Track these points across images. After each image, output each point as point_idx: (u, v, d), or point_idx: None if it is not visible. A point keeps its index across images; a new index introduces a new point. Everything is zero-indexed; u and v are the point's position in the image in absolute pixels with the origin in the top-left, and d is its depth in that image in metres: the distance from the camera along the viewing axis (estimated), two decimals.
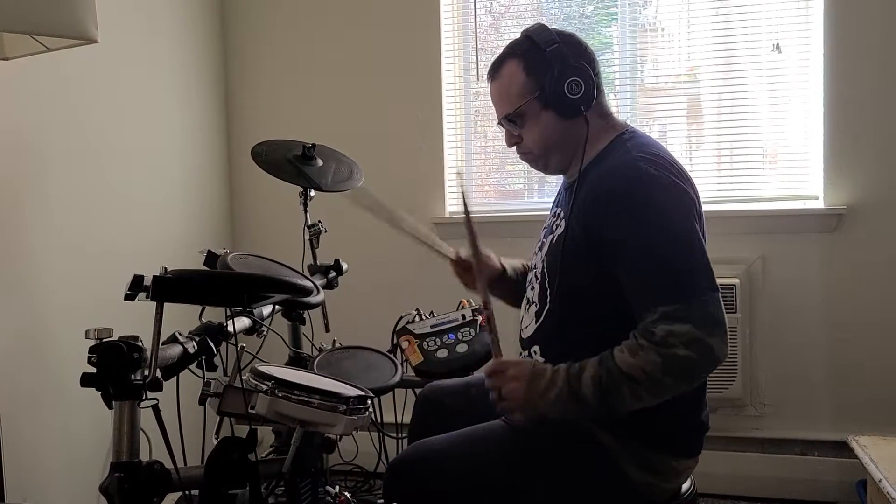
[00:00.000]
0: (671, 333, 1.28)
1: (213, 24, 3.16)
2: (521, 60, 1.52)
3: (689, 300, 1.31)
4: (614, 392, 1.32)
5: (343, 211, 2.67)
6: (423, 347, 2.08)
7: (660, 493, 1.48)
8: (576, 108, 1.49)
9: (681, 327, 1.28)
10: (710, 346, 1.29)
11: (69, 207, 2.29)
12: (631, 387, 1.31)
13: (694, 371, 1.33)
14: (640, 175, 1.40)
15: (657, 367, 1.29)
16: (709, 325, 1.30)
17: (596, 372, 1.34)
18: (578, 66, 1.48)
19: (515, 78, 1.53)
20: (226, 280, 1.54)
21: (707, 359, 1.30)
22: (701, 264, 1.36)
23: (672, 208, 1.39)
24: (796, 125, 2.77)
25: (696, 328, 1.28)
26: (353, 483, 2.84)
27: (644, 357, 1.30)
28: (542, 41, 1.50)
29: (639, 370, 1.30)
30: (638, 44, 2.93)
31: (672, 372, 1.30)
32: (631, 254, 1.37)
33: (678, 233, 1.37)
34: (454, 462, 1.48)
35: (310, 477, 1.82)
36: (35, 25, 1.50)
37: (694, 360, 1.29)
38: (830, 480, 2.67)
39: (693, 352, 1.28)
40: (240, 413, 1.42)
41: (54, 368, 2.18)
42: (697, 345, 1.28)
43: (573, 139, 1.53)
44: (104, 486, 1.34)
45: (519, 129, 1.57)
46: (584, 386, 1.34)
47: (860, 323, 2.67)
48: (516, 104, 1.53)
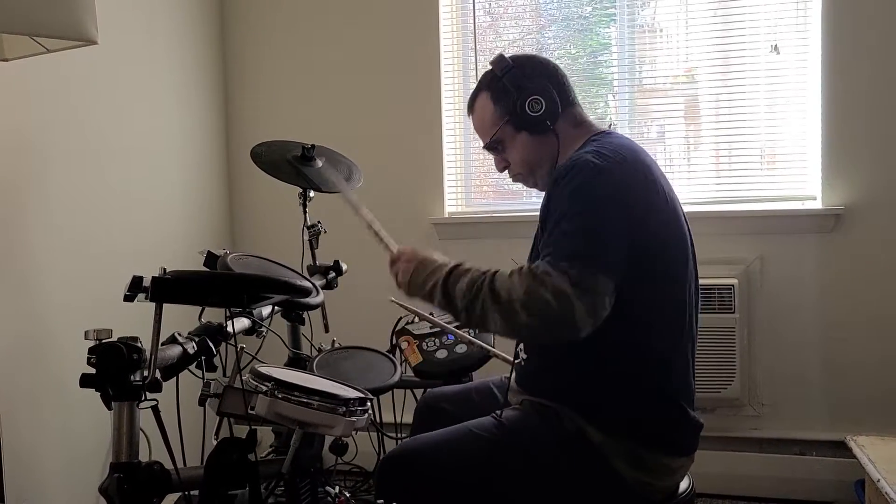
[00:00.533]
0: (547, 273, 1.30)
1: (212, 24, 3.17)
2: (488, 91, 1.63)
3: (578, 264, 1.31)
4: (478, 301, 1.36)
5: (342, 212, 2.67)
6: (422, 348, 2.09)
7: (655, 491, 1.49)
8: (542, 123, 1.56)
9: (558, 276, 1.29)
10: (573, 305, 1.28)
11: (69, 208, 2.29)
12: (491, 303, 1.34)
13: (548, 318, 1.31)
14: (579, 163, 1.44)
15: (519, 296, 1.31)
16: (582, 288, 1.29)
17: (474, 277, 1.39)
18: (534, 84, 1.56)
19: (486, 108, 1.64)
20: (225, 281, 1.55)
21: (564, 315, 1.29)
22: (605, 247, 1.36)
23: (599, 192, 1.40)
24: (794, 126, 2.77)
25: (571, 286, 1.29)
26: (353, 483, 2.85)
27: (515, 281, 1.33)
28: (499, 69, 1.61)
29: (505, 290, 1.33)
30: (636, 44, 2.93)
31: (529, 307, 1.30)
32: (550, 226, 1.41)
33: (595, 212, 1.39)
34: (444, 458, 1.49)
35: (309, 477, 1.82)
36: (35, 27, 1.50)
37: (553, 308, 1.28)
38: (828, 480, 2.67)
39: (557, 301, 1.28)
40: (239, 414, 1.43)
41: (54, 369, 2.18)
42: (563, 297, 1.28)
43: (551, 153, 1.59)
44: (104, 486, 1.34)
45: (503, 154, 1.67)
46: (458, 286, 1.39)
47: (858, 323, 2.68)
48: (491, 132, 1.64)
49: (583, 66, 3.01)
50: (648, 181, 1.47)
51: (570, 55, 3.03)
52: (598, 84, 3.02)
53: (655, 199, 1.47)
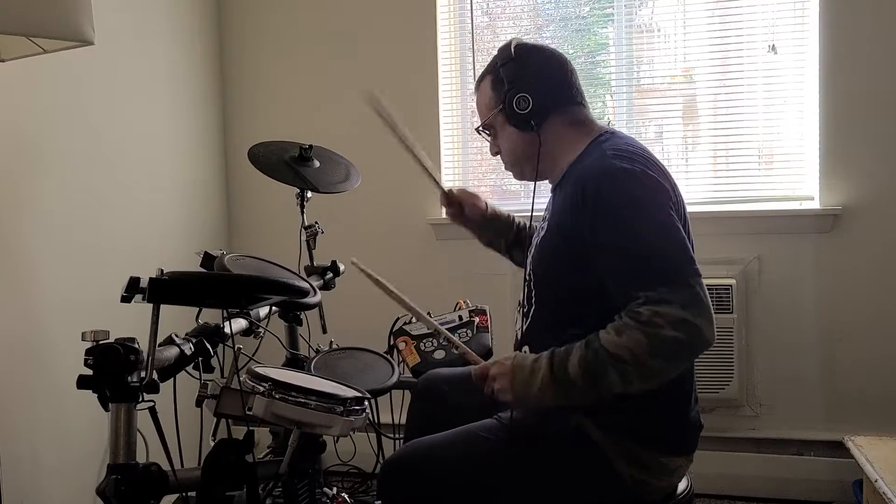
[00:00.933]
0: (657, 314, 1.28)
1: (209, 24, 3.16)
2: (491, 76, 1.62)
3: (672, 283, 1.30)
4: (601, 373, 1.32)
5: (340, 212, 2.67)
6: (420, 348, 2.08)
7: (653, 491, 1.49)
8: (527, 122, 1.55)
9: (666, 308, 1.28)
10: (697, 326, 1.28)
11: (65, 209, 2.28)
12: (618, 367, 1.31)
13: (681, 352, 1.31)
14: (611, 170, 1.42)
15: (643, 346, 1.28)
16: (694, 305, 1.29)
17: (582, 354, 1.34)
18: (528, 81, 1.55)
19: (486, 92, 1.64)
20: (222, 281, 1.54)
21: (695, 340, 1.29)
22: (680, 247, 1.36)
23: (646, 199, 1.40)
24: (792, 126, 2.77)
25: (682, 309, 1.28)
26: (351, 484, 2.84)
27: (630, 336, 1.29)
28: (500, 59, 1.59)
29: (626, 350, 1.29)
30: (634, 44, 2.93)
31: (659, 353, 1.29)
32: (610, 248, 1.38)
33: (654, 221, 1.38)
34: (448, 461, 1.49)
35: (307, 478, 1.82)
36: (31, 27, 1.50)
37: (682, 340, 1.28)
38: (826, 480, 2.67)
39: (680, 332, 1.27)
40: (237, 415, 1.42)
41: (51, 370, 2.18)
42: (684, 325, 1.27)
43: (534, 151, 1.57)
44: (101, 488, 1.34)
45: (495, 140, 1.67)
46: (570, 369, 1.35)
47: (856, 323, 2.68)
48: (485, 117, 1.65)
49: (580, 66, 3.00)
50: (669, 181, 1.48)
51: (568, 55, 2.96)
52: (595, 84, 3.02)
53: (676, 199, 1.47)
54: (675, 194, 1.47)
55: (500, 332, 2.21)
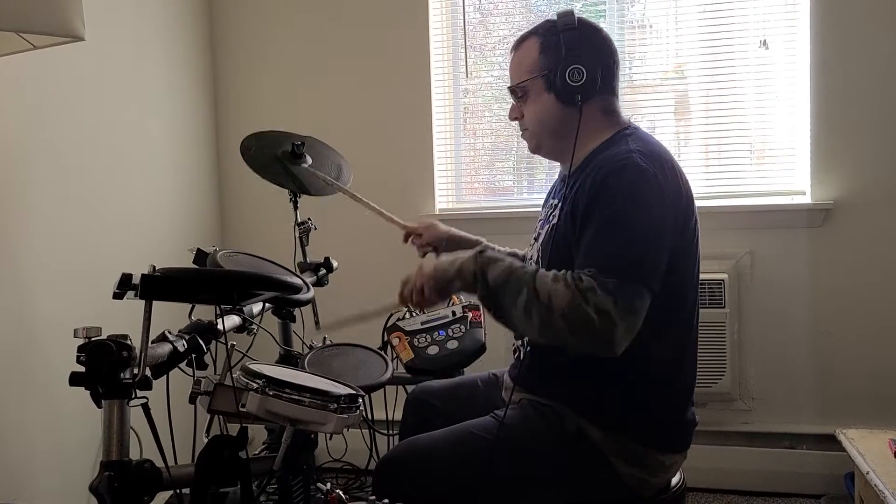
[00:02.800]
0: (593, 291, 1.28)
1: (201, 19, 3.15)
2: (540, 38, 1.57)
3: (623, 281, 1.31)
4: (513, 292, 1.34)
5: (333, 208, 2.67)
6: (413, 344, 2.08)
7: (648, 487, 1.50)
8: (573, 95, 1.51)
9: (602, 294, 1.28)
10: (615, 325, 1.28)
11: (56, 206, 2.27)
12: (530, 299, 1.32)
13: (586, 333, 1.30)
14: (628, 164, 1.42)
15: (561, 304, 1.29)
16: (626, 309, 1.29)
17: (514, 266, 1.37)
18: (586, 55, 1.51)
19: (530, 53, 1.57)
20: (215, 278, 1.54)
21: (604, 334, 1.29)
22: (652, 261, 1.36)
23: (649, 200, 1.39)
24: (783, 121, 2.79)
25: (615, 306, 1.28)
26: (345, 480, 2.85)
27: (560, 288, 1.31)
28: (562, 24, 1.54)
29: (545, 294, 1.31)
30: (626, 41, 2.94)
31: (569, 319, 1.29)
32: (595, 226, 1.39)
33: (646, 223, 1.38)
34: (444, 458, 1.49)
35: (301, 474, 1.82)
36: (21, 23, 1.49)
37: (594, 326, 1.28)
38: (818, 473, 2.69)
39: (599, 320, 1.27)
40: (230, 411, 1.42)
41: (43, 367, 2.17)
42: (605, 317, 1.28)
43: (569, 127, 1.54)
44: (94, 485, 1.33)
45: (522, 104, 1.61)
46: (493, 269, 1.37)
47: (847, 317, 2.70)
48: (522, 78, 1.59)
49: None
50: (684, 185, 1.47)
51: None
52: None
53: (689, 204, 1.48)
54: (688, 199, 1.47)
55: (494, 327, 2.21)
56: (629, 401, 1.46)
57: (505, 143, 3.08)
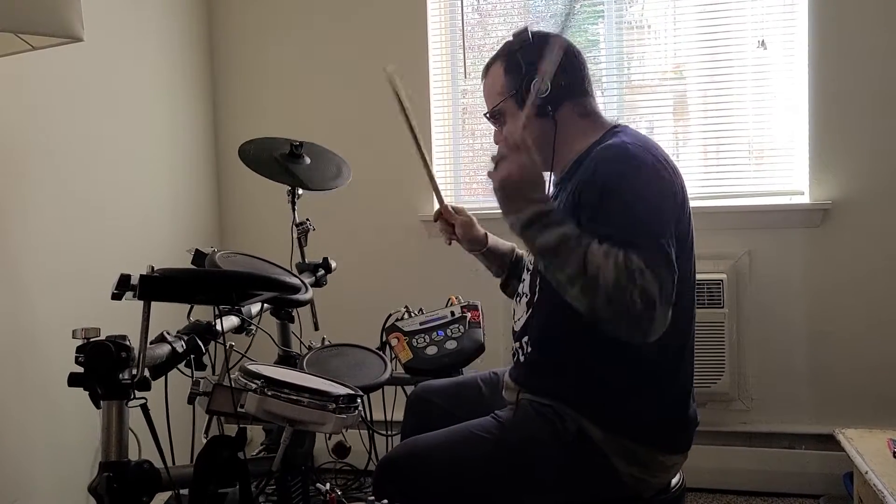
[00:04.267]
0: (641, 272, 1.24)
1: (199, 21, 3.15)
2: (503, 61, 1.59)
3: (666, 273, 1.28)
4: (563, 258, 1.29)
5: (332, 209, 2.67)
6: (412, 344, 2.08)
7: (649, 487, 1.49)
8: (543, 106, 1.52)
9: (651, 280, 1.24)
10: (656, 313, 1.24)
11: (55, 206, 2.27)
12: (577, 268, 1.27)
13: (627, 316, 1.25)
14: (624, 154, 1.41)
15: (609, 281, 1.24)
16: (667, 299, 1.27)
17: (571, 233, 1.31)
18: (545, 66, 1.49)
19: (497, 78, 1.60)
20: (214, 278, 1.54)
21: (644, 319, 1.24)
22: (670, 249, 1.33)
23: (649, 185, 1.39)
24: (782, 121, 2.79)
25: (659, 289, 1.25)
26: (344, 481, 2.84)
27: (610, 266, 1.25)
28: (517, 42, 1.56)
29: (595, 267, 1.25)
30: (624, 41, 2.94)
31: (612, 298, 1.24)
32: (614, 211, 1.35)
33: (653, 206, 1.37)
34: (444, 458, 1.49)
35: (300, 475, 1.82)
36: (20, 24, 1.49)
37: (636, 310, 1.23)
38: (817, 473, 2.69)
39: (643, 305, 1.23)
40: (229, 412, 1.42)
41: (41, 368, 2.17)
42: (650, 304, 1.24)
43: (550, 137, 1.55)
44: (93, 485, 1.33)
45: (502, 127, 1.62)
46: (553, 229, 1.32)
47: (846, 316, 2.70)
48: (496, 102, 1.60)
49: None
50: (678, 180, 1.46)
51: None
52: None
53: (684, 201, 1.47)
54: (682, 191, 1.46)
55: (492, 328, 2.21)
56: (629, 401, 1.46)
57: None
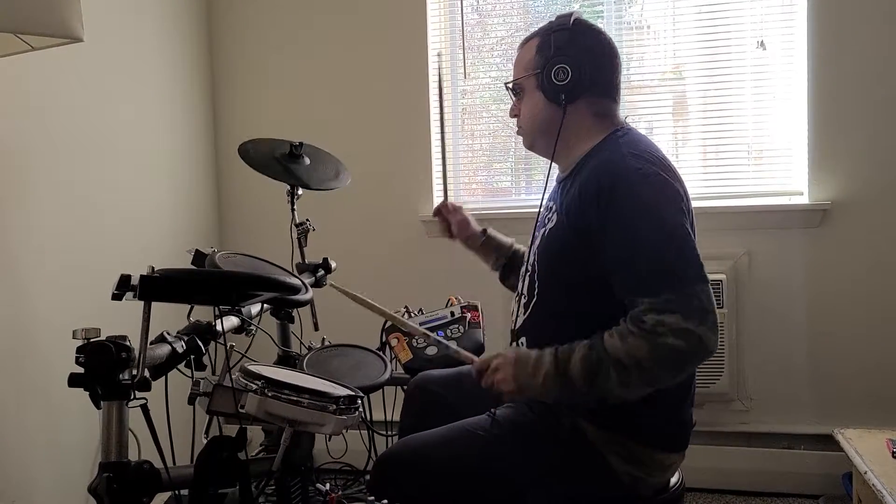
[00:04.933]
0: (660, 323, 1.28)
1: (199, 22, 3.15)
2: (540, 38, 1.59)
3: (677, 291, 1.31)
4: (602, 375, 1.33)
5: (331, 209, 2.67)
6: (412, 345, 2.08)
7: (646, 486, 1.50)
8: (558, 94, 1.53)
9: (670, 317, 1.28)
10: (698, 335, 1.29)
11: (55, 207, 2.27)
12: (619, 372, 1.31)
13: (683, 360, 1.32)
14: (626, 170, 1.42)
15: (645, 354, 1.29)
16: (697, 314, 1.29)
17: (585, 353, 1.35)
18: (573, 54, 1.52)
19: (528, 52, 1.60)
20: (214, 279, 1.54)
21: (696, 348, 1.29)
22: (689, 256, 1.36)
23: (658, 202, 1.40)
24: (781, 121, 2.79)
25: (685, 318, 1.28)
26: (343, 481, 2.84)
27: (633, 343, 1.30)
28: (556, 24, 1.57)
29: (627, 356, 1.30)
30: (624, 42, 2.94)
31: (661, 361, 1.30)
32: (617, 246, 1.38)
33: (664, 225, 1.38)
34: (440, 456, 1.50)
35: (300, 475, 1.82)
36: (19, 24, 1.49)
37: (683, 349, 1.28)
38: (816, 473, 2.69)
39: (683, 341, 1.28)
40: (229, 412, 1.42)
41: (41, 368, 2.17)
42: (686, 334, 1.28)
43: (555, 126, 1.56)
44: (93, 486, 1.33)
45: (519, 101, 1.64)
46: (572, 367, 1.36)
47: (845, 317, 2.70)
48: (519, 75, 1.62)
49: None
50: (680, 184, 1.47)
51: None
52: None
53: (687, 203, 1.47)
54: (685, 196, 1.47)
55: (492, 328, 2.21)
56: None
57: (503, 143, 3.08)
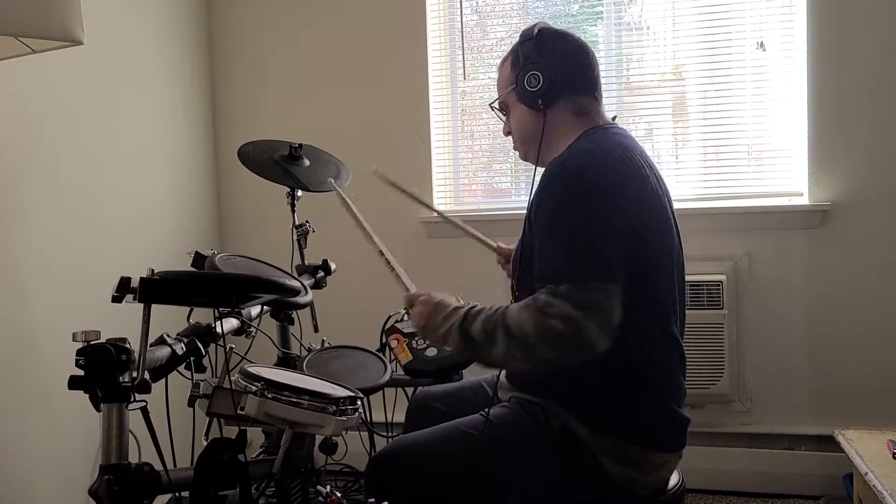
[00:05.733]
0: (550, 304, 1.31)
1: (199, 23, 3.15)
2: (512, 55, 1.63)
3: (575, 282, 1.32)
4: (495, 339, 1.36)
5: (330, 211, 2.66)
6: (412, 346, 2.08)
7: (641, 486, 1.49)
8: (535, 100, 1.56)
9: (560, 302, 1.30)
10: (582, 326, 1.29)
11: (55, 209, 2.27)
12: (507, 339, 1.35)
13: (565, 346, 1.32)
14: (565, 167, 1.44)
15: (532, 329, 1.32)
16: (586, 307, 1.30)
17: (488, 315, 1.39)
18: (542, 60, 1.55)
19: (505, 71, 1.65)
20: (213, 281, 1.54)
21: (578, 338, 1.30)
22: (597, 253, 1.36)
23: (583, 198, 1.40)
24: (781, 122, 2.79)
25: (574, 307, 1.29)
26: (344, 483, 2.84)
27: (525, 315, 1.33)
28: (522, 38, 1.61)
29: (518, 326, 1.34)
30: (623, 42, 2.94)
31: (544, 339, 1.32)
32: (539, 237, 1.43)
33: (579, 220, 1.38)
34: (433, 455, 1.50)
35: (300, 477, 1.82)
36: (20, 27, 1.49)
37: (566, 335, 1.30)
38: (817, 474, 2.69)
39: (566, 327, 1.29)
40: (229, 414, 1.42)
41: (42, 371, 2.17)
42: (570, 322, 1.29)
43: (539, 132, 1.59)
44: (93, 488, 1.33)
45: (508, 119, 1.68)
46: (474, 326, 1.39)
47: (845, 318, 2.70)
48: (501, 94, 1.66)
49: None
50: (640, 177, 1.47)
51: None
52: None
53: (645, 196, 1.47)
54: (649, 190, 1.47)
55: None
56: (615, 399, 1.46)
57: (502, 144, 3.07)
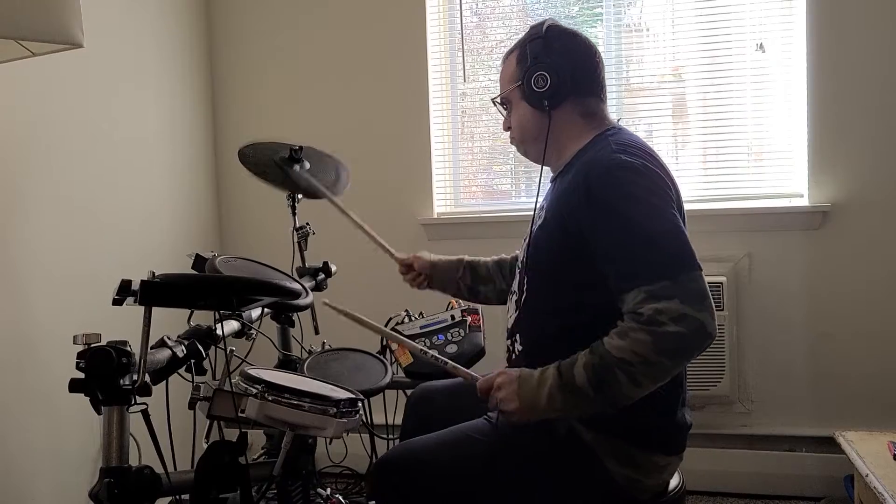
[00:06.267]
0: (658, 311, 1.27)
1: (199, 25, 3.15)
2: (518, 51, 1.62)
3: (673, 277, 1.30)
4: (609, 378, 1.31)
5: (332, 213, 2.66)
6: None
7: (644, 489, 1.49)
8: (541, 100, 1.55)
9: (668, 304, 1.27)
10: (699, 320, 1.27)
11: (55, 211, 2.27)
12: (626, 370, 1.29)
13: (686, 347, 1.30)
14: (613, 163, 1.43)
15: (648, 346, 1.28)
16: (696, 300, 1.28)
17: (587, 360, 1.33)
18: (550, 61, 1.54)
19: (510, 66, 1.64)
20: (214, 283, 1.54)
21: (698, 334, 1.28)
22: (683, 242, 1.36)
23: (648, 190, 1.40)
24: (781, 123, 2.79)
25: (683, 303, 1.27)
26: (344, 485, 2.84)
27: (634, 338, 1.29)
28: (529, 35, 1.60)
29: (630, 352, 1.29)
30: (623, 44, 2.94)
31: (664, 350, 1.28)
32: (610, 237, 1.38)
33: (656, 212, 1.38)
34: (438, 460, 1.50)
35: (301, 479, 1.82)
36: (20, 30, 1.49)
37: (685, 335, 1.27)
38: (818, 476, 2.69)
39: (683, 327, 1.26)
40: (229, 417, 1.42)
41: (42, 374, 2.17)
42: (687, 320, 1.27)
43: (544, 132, 1.58)
44: (94, 491, 1.33)
45: (508, 114, 1.67)
46: (577, 376, 1.33)
47: (845, 319, 2.70)
48: (504, 89, 1.65)
49: None
50: (670, 178, 1.48)
51: None
52: None
53: (676, 196, 1.48)
54: (675, 191, 1.47)
55: (493, 331, 2.21)
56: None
57: (502, 146, 3.08)
